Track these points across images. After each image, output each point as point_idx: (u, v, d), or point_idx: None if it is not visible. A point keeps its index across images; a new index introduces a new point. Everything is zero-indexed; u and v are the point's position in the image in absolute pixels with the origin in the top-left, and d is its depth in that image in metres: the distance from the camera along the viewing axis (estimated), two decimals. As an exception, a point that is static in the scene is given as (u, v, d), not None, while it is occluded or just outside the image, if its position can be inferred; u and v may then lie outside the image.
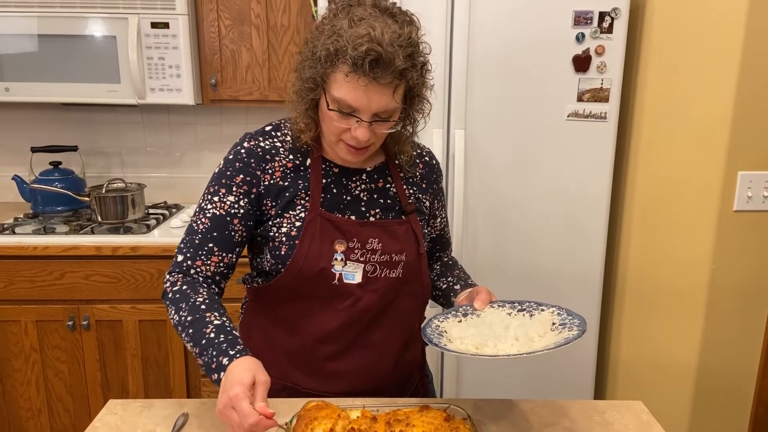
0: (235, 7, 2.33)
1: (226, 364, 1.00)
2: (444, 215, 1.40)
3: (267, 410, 0.92)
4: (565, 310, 1.13)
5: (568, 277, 2.10)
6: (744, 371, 2.03)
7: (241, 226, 1.18)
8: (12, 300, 2.17)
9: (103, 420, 1.15)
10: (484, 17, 1.92)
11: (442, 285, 1.35)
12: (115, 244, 2.15)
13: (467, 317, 1.16)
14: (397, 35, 1.02)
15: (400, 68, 1.03)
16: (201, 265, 1.16)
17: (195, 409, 1.18)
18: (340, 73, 1.04)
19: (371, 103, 1.05)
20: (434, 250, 1.42)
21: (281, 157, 1.19)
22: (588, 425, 1.15)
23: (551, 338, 1.06)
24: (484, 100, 1.98)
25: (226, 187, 1.17)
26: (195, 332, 1.07)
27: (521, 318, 1.14)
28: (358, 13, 1.04)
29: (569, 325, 1.08)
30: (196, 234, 1.17)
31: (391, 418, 1.05)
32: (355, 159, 1.16)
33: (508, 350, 1.04)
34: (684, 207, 1.97)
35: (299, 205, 1.17)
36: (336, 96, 1.06)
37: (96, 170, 2.70)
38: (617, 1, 1.89)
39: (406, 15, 1.09)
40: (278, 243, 1.17)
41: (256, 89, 2.41)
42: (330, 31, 1.04)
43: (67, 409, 2.28)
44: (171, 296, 1.14)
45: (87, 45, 2.26)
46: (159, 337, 2.24)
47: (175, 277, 1.16)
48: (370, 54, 1.00)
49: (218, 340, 1.04)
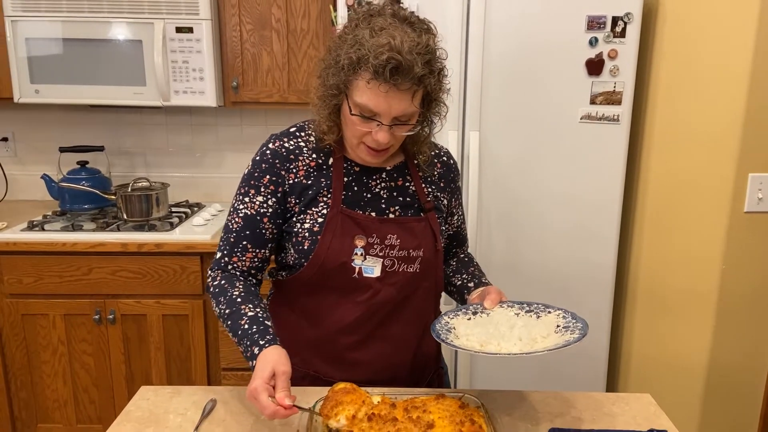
0: (257, 12, 2.40)
1: (257, 354, 1.09)
2: (461, 213, 1.46)
3: (284, 401, 1.01)
4: (571, 313, 1.19)
5: (581, 277, 2.14)
6: (754, 369, 2.06)
7: (270, 223, 1.25)
8: (41, 294, 2.26)
9: (136, 404, 1.21)
10: (499, 22, 1.97)
11: (456, 281, 1.42)
12: (141, 241, 2.22)
13: (476, 315, 1.23)
14: (415, 43, 1.08)
15: (418, 75, 1.09)
16: (237, 261, 1.27)
17: (222, 395, 1.25)
18: (362, 80, 1.10)
19: (391, 108, 1.11)
20: (451, 247, 1.47)
21: (305, 157, 1.25)
22: (597, 415, 1.20)
23: (553, 340, 1.12)
24: (498, 102, 2.03)
25: (254, 188, 1.25)
26: (232, 323, 1.18)
27: (527, 319, 1.20)
28: (378, 22, 1.10)
29: (572, 329, 1.14)
30: (231, 233, 1.27)
31: (408, 405, 1.11)
32: (376, 160, 1.22)
33: (510, 349, 1.10)
34: (695, 208, 2.01)
35: (321, 202, 1.24)
36: (358, 101, 1.12)
37: (121, 170, 2.79)
38: (630, 6, 1.94)
39: (423, 23, 1.15)
40: (301, 238, 1.23)
41: (276, 91, 2.47)
42: (352, 41, 1.10)
43: (92, 401, 2.37)
44: (212, 290, 1.26)
45: (114, 49, 2.34)
46: (181, 331, 2.31)
47: (215, 272, 1.28)
48: (390, 62, 1.06)
49: (251, 331, 1.13)
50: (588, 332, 1.11)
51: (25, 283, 2.23)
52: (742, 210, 1.93)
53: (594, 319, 2.16)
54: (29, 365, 2.32)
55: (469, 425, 1.05)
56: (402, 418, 1.07)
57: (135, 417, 1.17)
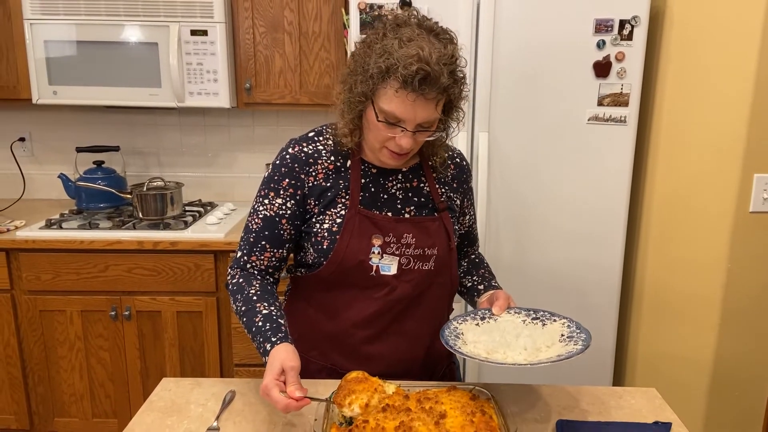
0: (270, 15, 2.45)
1: (269, 350, 1.14)
2: (472, 213, 1.50)
3: (294, 394, 1.05)
4: (575, 323, 1.23)
5: (588, 276, 2.17)
6: (759, 368, 2.08)
7: (288, 225, 1.30)
8: (59, 291, 2.31)
9: (158, 395, 1.26)
10: (508, 24, 2.00)
11: (467, 283, 1.47)
12: (156, 239, 2.27)
13: (485, 321, 1.28)
14: (442, 54, 1.13)
15: (444, 85, 1.14)
16: (255, 260, 1.31)
17: (240, 387, 1.29)
18: (390, 89, 1.15)
19: (416, 116, 1.16)
20: (462, 246, 1.51)
21: (323, 160, 1.30)
22: (603, 409, 1.24)
23: (557, 350, 1.16)
24: (507, 104, 2.06)
25: (274, 190, 1.30)
26: (248, 320, 1.22)
27: (533, 327, 1.25)
28: (406, 33, 1.14)
29: (576, 339, 1.18)
30: (251, 233, 1.31)
31: (421, 396, 1.15)
32: (396, 163, 1.27)
33: (516, 358, 1.15)
34: (701, 208, 2.04)
35: (340, 203, 1.28)
36: (385, 108, 1.17)
37: (135, 169, 2.84)
38: (637, 10, 1.97)
39: (447, 33, 1.20)
40: (320, 238, 1.28)
41: (288, 93, 2.52)
42: (380, 50, 1.14)
43: (107, 395, 2.42)
44: (230, 288, 1.30)
45: (130, 51, 2.39)
46: (195, 327, 2.36)
47: (234, 271, 1.32)
48: (419, 73, 1.10)
49: (264, 328, 1.18)
50: (591, 344, 1.15)
51: (43, 279, 2.29)
52: (748, 210, 1.95)
53: (601, 317, 2.20)
54: (47, 360, 2.37)
55: (480, 415, 1.09)
56: (415, 408, 1.11)
57: (158, 407, 1.21)
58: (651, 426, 1.17)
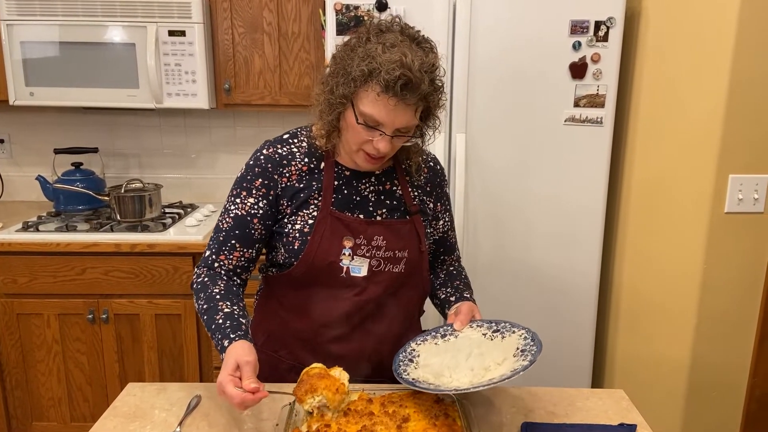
0: (248, 16, 2.44)
1: (227, 346, 1.13)
2: (447, 219, 1.48)
3: (249, 386, 1.04)
4: (532, 334, 1.19)
5: (566, 276, 2.18)
6: (736, 369, 2.09)
7: (260, 225, 1.30)
8: (35, 294, 2.29)
9: (123, 400, 1.25)
10: (484, 27, 2.00)
11: (441, 295, 1.45)
12: (133, 241, 2.26)
13: (445, 338, 1.27)
14: (424, 62, 1.15)
15: (425, 92, 1.15)
16: (224, 259, 1.30)
17: (207, 391, 1.28)
18: (371, 92, 1.15)
19: (396, 120, 1.17)
20: (438, 253, 1.50)
21: (297, 162, 1.30)
22: (570, 410, 1.24)
23: (507, 366, 1.13)
24: (484, 105, 2.06)
25: (246, 190, 1.29)
26: (208, 318, 1.21)
27: (489, 344, 1.22)
28: (390, 39, 1.16)
29: (527, 352, 1.14)
30: (221, 232, 1.31)
31: (385, 400, 1.14)
32: (372, 167, 1.28)
33: (461, 380, 1.14)
34: (677, 209, 2.04)
35: (312, 204, 1.29)
36: (365, 111, 1.17)
37: (115, 171, 2.83)
38: (612, 11, 1.97)
39: (428, 43, 1.21)
40: (291, 238, 1.28)
41: (267, 94, 2.51)
42: (364, 54, 1.15)
43: (86, 399, 2.40)
44: (195, 287, 1.30)
45: (107, 52, 2.37)
46: (174, 330, 2.35)
47: (200, 270, 1.32)
48: (402, 78, 1.12)
49: (224, 326, 1.17)
50: (538, 358, 1.10)
51: (19, 283, 2.27)
52: (723, 211, 1.96)
53: (579, 318, 2.21)
54: (24, 364, 2.35)
55: (443, 419, 1.09)
56: (378, 412, 1.11)
57: (121, 412, 1.20)
58: (616, 428, 1.17)
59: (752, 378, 2.08)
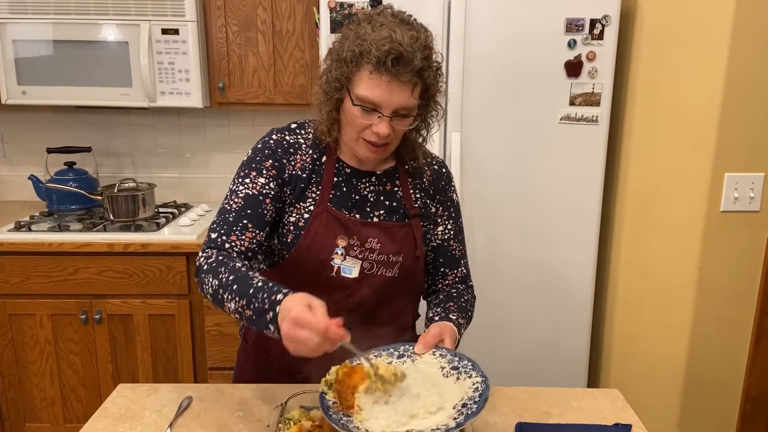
0: (242, 14, 2.42)
1: (281, 299, 1.02)
2: (451, 227, 1.40)
3: (336, 320, 0.96)
4: (485, 386, 1.04)
5: (561, 275, 2.17)
6: (732, 367, 2.09)
7: (271, 206, 1.24)
8: (28, 294, 2.27)
9: (113, 401, 1.23)
10: (479, 25, 1.99)
11: (429, 314, 1.35)
12: (127, 241, 2.24)
13: (402, 359, 1.14)
14: (415, 38, 1.13)
15: (417, 67, 1.13)
16: (236, 240, 1.19)
17: (198, 392, 1.27)
18: (364, 72, 1.14)
19: (392, 99, 1.14)
20: (439, 264, 1.40)
21: (302, 152, 1.28)
22: (565, 410, 1.23)
23: (435, 421, 0.99)
24: (479, 104, 2.05)
25: (256, 170, 1.25)
26: (240, 287, 1.08)
27: (439, 381, 1.08)
28: (380, 20, 1.15)
29: (467, 409, 1.00)
30: (230, 213, 1.22)
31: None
32: (374, 156, 1.23)
33: (378, 423, 0.99)
34: (673, 207, 2.04)
35: (310, 198, 1.27)
36: (360, 94, 1.15)
37: (109, 170, 2.81)
38: (608, 9, 1.96)
39: (421, 25, 1.20)
40: (286, 230, 1.26)
41: (262, 93, 2.49)
42: (354, 36, 1.15)
43: (79, 399, 2.38)
44: (207, 267, 1.15)
45: (100, 50, 2.36)
46: (168, 330, 2.33)
47: (209, 252, 1.18)
48: (392, 52, 1.10)
49: (268, 286, 1.06)
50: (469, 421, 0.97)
51: (12, 283, 2.25)
52: (719, 209, 1.96)
53: (575, 316, 2.20)
54: (17, 365, 2.34)
55: (437, 420, 1.07)
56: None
57: (111, 413, 1.19)
58: (611, 428, 1.17)
59: (748, 377, 2.08)
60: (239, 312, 1.08)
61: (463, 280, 1.43)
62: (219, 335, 2.30)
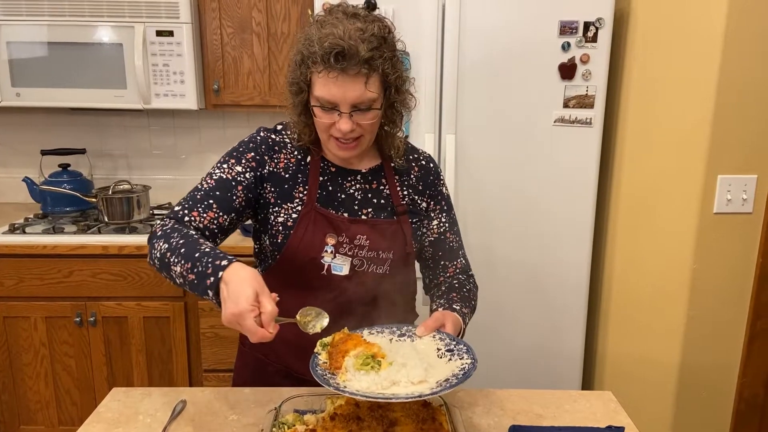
0: (237, 16, 2.42)
1: (225, 265, 1.04)
2: (445, 220, 1.41)
3: (274, 328, 1.00)
4: (473, 367, 1.06)
5: (555, 276, 2.17)
6: (725, 369, 2.09)
7: (242, 194, 1.26)
8: (22, 297, 2.27)
9: (107, 406, 1.23)
10: (474, 27, 2.00)
11: (434, 306, 1.36)
12: (121, 243, 2.24)
13: (402, 338, 1.18)
14: (359, 30, 1.13)
15: (364, 58, 1.12)
16: (197, 216, 1.22)
17: (192, 396, 1.27)
18: (315, 74, 1.16)
19: (346, 95, 1.15)
20: (438, 257, 1.41)
21: (288, 152, 1.30)
22: (558, 412, 1.23)
23: (412, 389, 1.03)
24: (473, 106, 2.06)
25: (236, 159, 1.28)
26: (188, 250, 1.10)
27: (432, 359, 1.11)
28: (329, 20, 1.16)
29: (450, 380, 1.04)
30: (198, 191, 1.25)
31: (373, 404, 1.13)
32: (347, 154, 1.24)
33: (368, 384, 1.03)
34: (666, 209, 2.04)
35: (297, 198, 1.28)
36: (316, 94, 1.17)
37: (103, 172, 2.80)
38: (601, 12, 1.97)
39: (374, 17, 1.19)
40: (275, 231, 1.28)
41: (257, 94, 2.49)
42: (303, 39, 1.17)
43: (74, 402, 2.38)
44: (160, 233, 1.17)
45: (95, 52, 2.35)
46: (163, 333, 2.33)
47: (167, 221, 1.21)
48: (334, 48, 1.11)
49: (214, 252, 1.08)
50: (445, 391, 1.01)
51: (6, 285, 2.25)
52: (712, 211, 1.96)
53: (569, 318, 2.21)
54: (11, 367, 2.33)
55: (431, 423, 1.08)
56: (365, 416, 1.10)
57: (105, 418, 1.19)
58: (604, 430, 1.17)
59: (741, 378, 2.08)
60: (183, 276, 1.09)
61: (463, 270, 1.44)
62: (214, 337, 2.30)
